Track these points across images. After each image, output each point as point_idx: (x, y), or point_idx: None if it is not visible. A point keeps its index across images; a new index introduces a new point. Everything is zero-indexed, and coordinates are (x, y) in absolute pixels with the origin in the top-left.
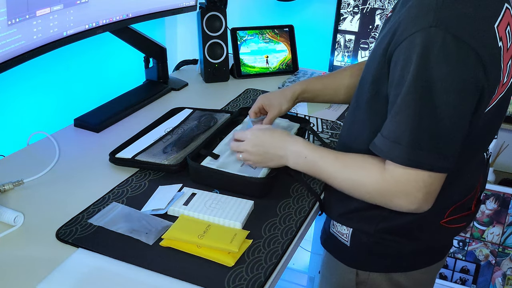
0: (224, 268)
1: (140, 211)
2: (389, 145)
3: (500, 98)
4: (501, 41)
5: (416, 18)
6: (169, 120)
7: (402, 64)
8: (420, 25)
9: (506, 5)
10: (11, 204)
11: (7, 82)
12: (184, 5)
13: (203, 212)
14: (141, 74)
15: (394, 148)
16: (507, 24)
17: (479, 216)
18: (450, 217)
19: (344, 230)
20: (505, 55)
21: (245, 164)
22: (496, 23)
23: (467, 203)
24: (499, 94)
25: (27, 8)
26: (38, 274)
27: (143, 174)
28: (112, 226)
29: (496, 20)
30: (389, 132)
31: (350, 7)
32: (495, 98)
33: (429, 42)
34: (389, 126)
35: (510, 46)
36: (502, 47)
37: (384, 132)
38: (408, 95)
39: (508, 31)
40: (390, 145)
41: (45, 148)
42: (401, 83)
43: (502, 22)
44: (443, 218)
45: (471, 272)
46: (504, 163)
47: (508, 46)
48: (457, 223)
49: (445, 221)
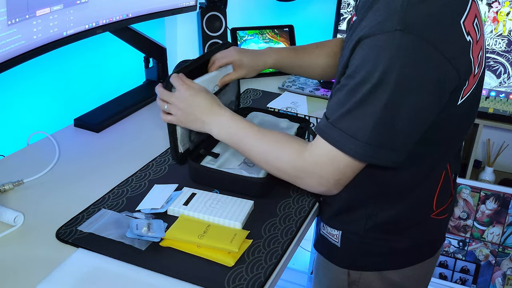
0: (224, 268)
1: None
2: (344, 137)
3: (474, 88)
4: (469, 35)
5: (382, 21)
6: None
7: (360, 62)
8: (385, 28)
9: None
10: (11, 204)
11: (7, 82)
12: (184, 5)
13: (203, 212)
14: (141, 74)
15: (349, 141)
16: (474, 16)
17: (479, 216)
18: (439, 209)
19: (334, 231)
20: (475, 47)
21: (244, 164)
22: (462, 18)
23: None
24: (472, 85)
25: (27, 8)
26: (38, 274)
27: (143, 174)
28: (102, 233)
29: (462, 16)
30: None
31: (350, 7)
32: (468, 89)
33: (394, 44)
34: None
35: (479, 38)
36: (472, 41)
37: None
38: (370, 94)
39: (475, 24)
40: (345, 138)
41: (45, 148)
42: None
43: (469, 16)
44: (432, 210)
45: (471, 272)
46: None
47: (477, 38)
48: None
49: (435, 213)
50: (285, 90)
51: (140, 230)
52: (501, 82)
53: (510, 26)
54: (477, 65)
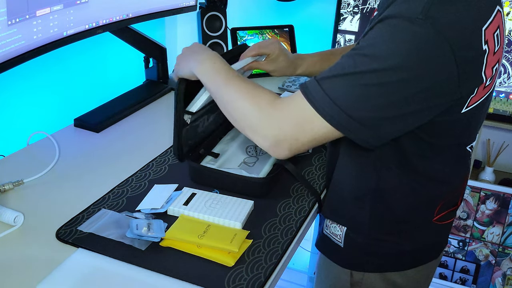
0: (224, 268)
1: (131, 215)
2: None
3: (483, 98)
4: (486, 44)
5: (407, 8)
6: None
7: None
8: (408, 14)
9: (497, 7)
10: (11, 204)
11: (7, 82)
12: (184, 5)
13: (203, 212)
14: (141, 74)
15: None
16: (497, 27)
17: (479, 216)
18: (440, 214)
19: (337, 231)
20: (490, 58)
21: (244, 164)
22: (485, 26)
23: (453, 198)
24: (481, 96)
25: (27, 8)
26: (38, 274)
27: (143, 174)
28: (102, 233)
29: (485, 23)
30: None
31: (350, 7)
32: (476, 99)
33: (411, 31)
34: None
35: (497, 50)
36: (488, 50)
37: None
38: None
39: (496, 35)
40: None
41: (45, 148)
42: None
43: (492, 25)
44: (433, 216)
45: (471, 272)
46: (504, 163)
47: (495, 49)
48: (446, 219)
49: (436, 218)
50: (285, 90)
51: (140, 230)
52: (501, 82)
53: (510, 26)
54: (490, 77)
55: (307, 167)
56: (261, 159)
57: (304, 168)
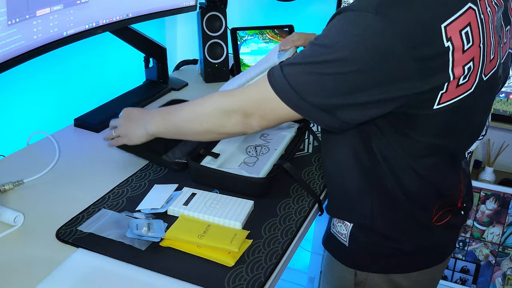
0: (224, 268)
1: (131, 215)
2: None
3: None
4: (449, 41)
5: (362, 2)
6: None
7: (328, 28)
8: (360, 7)
9: (469, 4)
10: (11, 204)
11: (7, 82)
12: (184, 5)
13: (203, 212)
14: (141, 74)
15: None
16: (467, 24)
17: (479, 216)
18: (438, 214)
19: (343, 230)
20: (459, 56)
21: (244, 164)
22: (445, 23)
23: (451, 200)
24: (457, 94)
25: (27, 8)
26: (38, 274)
27: (143, 174)
28: (102, 233)
29: (446, 20)
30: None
31: None
32: (449, 97)
33: (362, 24)
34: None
35: (469, 48)
36: (452, 48)
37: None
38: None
39: (465, 32)
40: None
41: (45, 148)
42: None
43: (457, 22)
44: (432, 217)
45: (471, 272)
46: (504, 163)
47: (465, 47)
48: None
49: (435, 219)
50: None
51: (140, 230)
52: None
53: None
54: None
55: (307, 167)
56: (261, 159)
57: (304, 168)
